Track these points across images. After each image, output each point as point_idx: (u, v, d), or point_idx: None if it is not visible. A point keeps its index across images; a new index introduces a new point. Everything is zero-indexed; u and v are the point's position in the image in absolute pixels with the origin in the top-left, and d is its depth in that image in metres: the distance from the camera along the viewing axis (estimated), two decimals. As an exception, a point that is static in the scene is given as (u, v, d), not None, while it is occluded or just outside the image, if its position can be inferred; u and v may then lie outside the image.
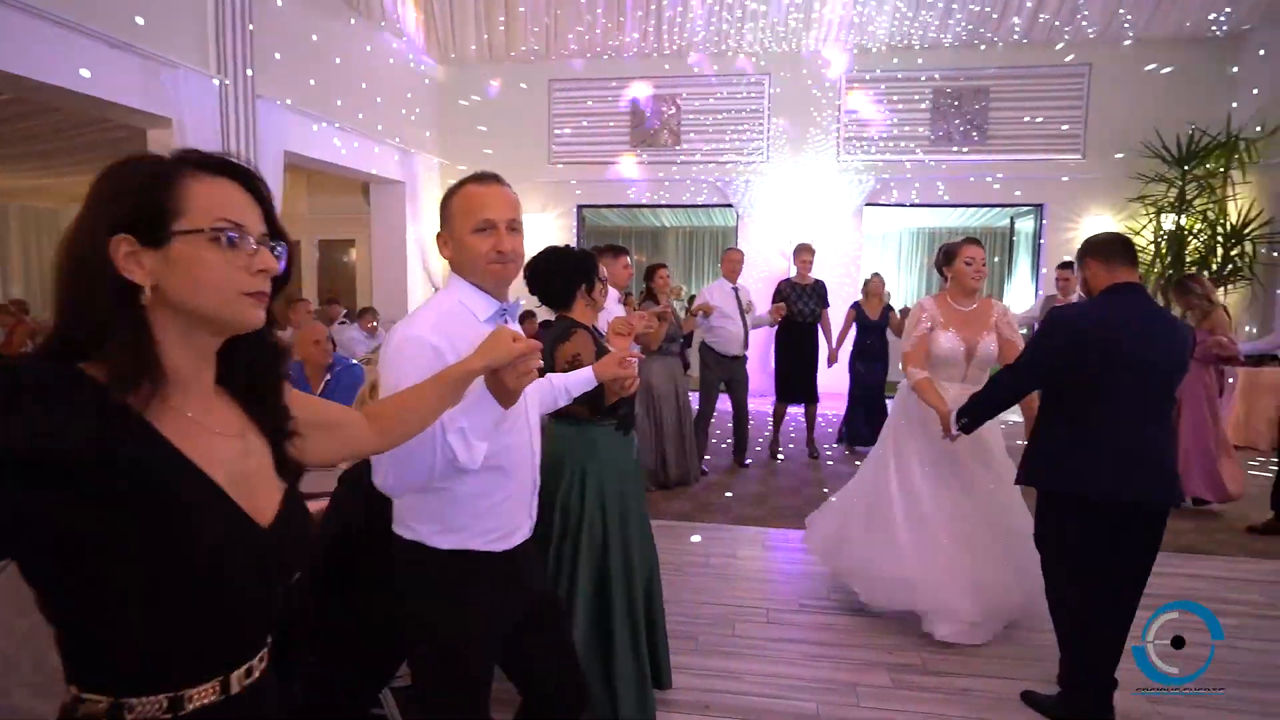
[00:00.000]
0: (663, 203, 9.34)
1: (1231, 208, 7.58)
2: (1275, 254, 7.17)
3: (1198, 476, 4.53)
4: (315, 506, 2.46)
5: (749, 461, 5.80)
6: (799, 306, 5.80)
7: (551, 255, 2.41)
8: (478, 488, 1.47)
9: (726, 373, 5.54)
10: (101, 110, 4.93)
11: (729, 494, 5.05)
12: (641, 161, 9.05)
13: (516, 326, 1.62)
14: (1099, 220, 8.14)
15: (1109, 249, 2.35)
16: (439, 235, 1.54)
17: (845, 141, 8.69)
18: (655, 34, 8.42)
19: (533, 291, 2.42)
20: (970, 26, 7.97)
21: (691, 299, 5.75)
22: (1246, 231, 7.29)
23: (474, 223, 1.46)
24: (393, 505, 1.55)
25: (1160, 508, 2.30)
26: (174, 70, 5.10)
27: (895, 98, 8.58)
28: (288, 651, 1.97)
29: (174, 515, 0.81)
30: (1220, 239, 7.42)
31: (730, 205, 9.02)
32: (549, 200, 9.20)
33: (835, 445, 6.45)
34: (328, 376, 3.70)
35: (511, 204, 1.50)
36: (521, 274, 2.37)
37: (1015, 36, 8.05)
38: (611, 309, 3.50)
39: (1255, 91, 7.52)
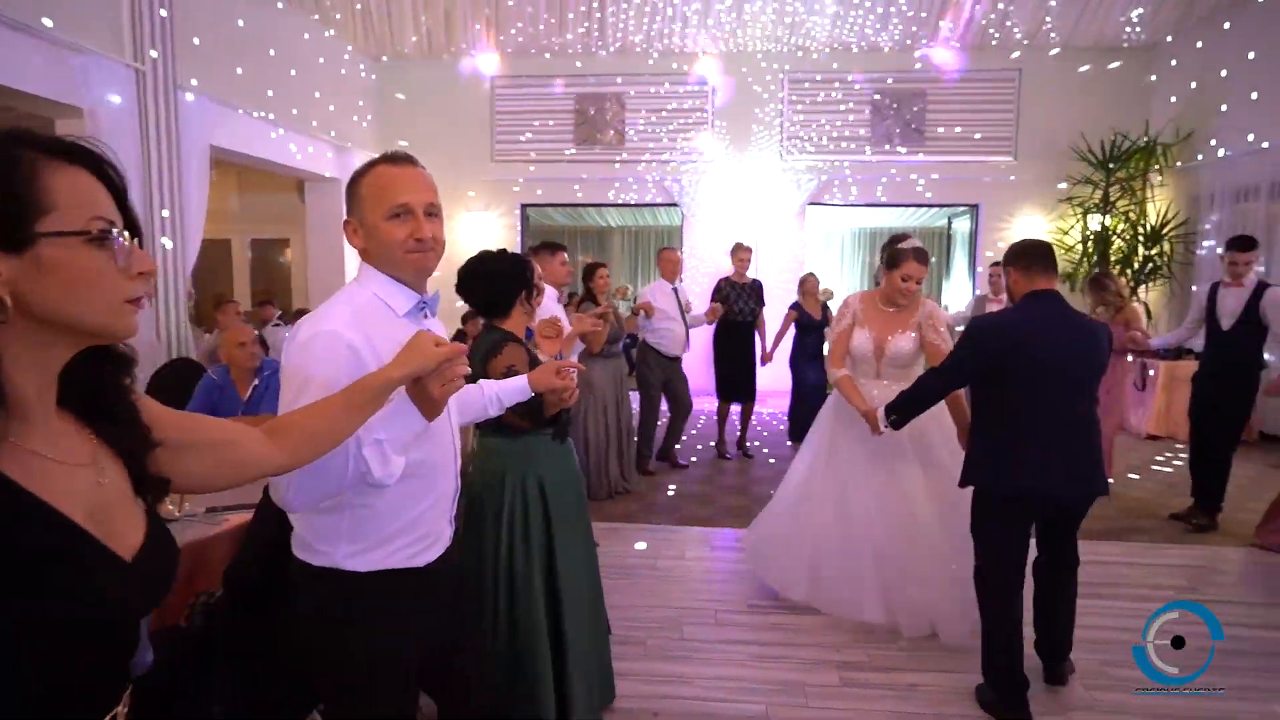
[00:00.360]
0: (607, 202, 9.27)
1: (1151, 209, 7.95)
2: (1191, 253, 7.54)
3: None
4: (241, 519, 2.35)
5: (684, 462, 5.77)
6: (738, 306, 5.80)
7: (488, 259, 2.28)
8: (398, 499, 1.35)
9: (667, 374, 5.51)
10: (2, 99, 4.57)
11: (674, 494, 5.02)
12: (586, 160, 8.97)
13: (437, 320, 1.51)
14: (1031, 220, 8.43)
15: (1028, 258, 2.48)
16: (347, 223, 1.40)
17: (788, 141, 8.79)
18: (599, 32, 8.36)
19: (467, 300, 2.29)
20: (903, 27, 8.13)
21: (636, 300, 5.68)
22: (1165, 232, 7.65)
23: (388, 208, 1.34)
24: (293, 527, 1.40)
25: (1082, 502, 2.45)
26: (85, 56, 4.78)
27: (836, 99, 8.71)
28: (208, 668, 1.86)
29: (30, 568, 0.68)
30: (1141, 239, 7.79)
31: (675, 205, 9.02)
32: (492, 199, 9.03)
33: (788, 444, 6.48)
34: (256, 381, 3.55)
35: (429, 186, 1.38)
36: (455, 283, 2.29)
37: (947, 38, 8.26)
38: (550, 308, 3.40)
39: (1172, 99, 7.89)
